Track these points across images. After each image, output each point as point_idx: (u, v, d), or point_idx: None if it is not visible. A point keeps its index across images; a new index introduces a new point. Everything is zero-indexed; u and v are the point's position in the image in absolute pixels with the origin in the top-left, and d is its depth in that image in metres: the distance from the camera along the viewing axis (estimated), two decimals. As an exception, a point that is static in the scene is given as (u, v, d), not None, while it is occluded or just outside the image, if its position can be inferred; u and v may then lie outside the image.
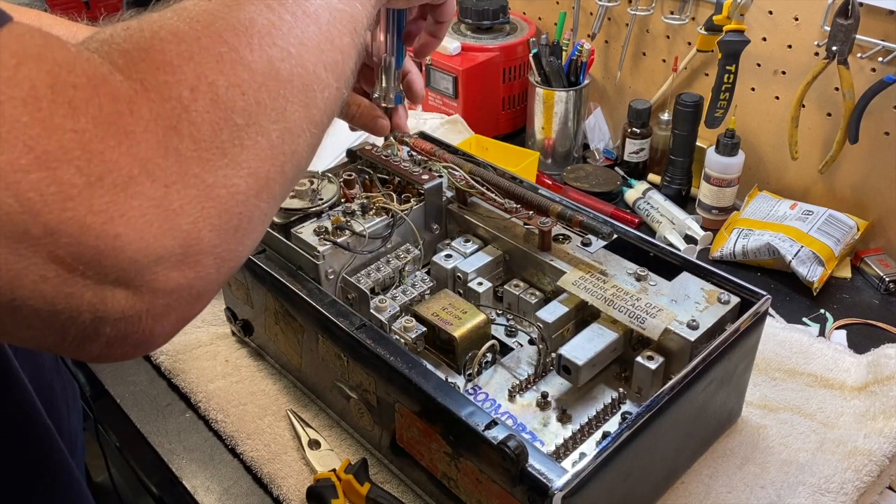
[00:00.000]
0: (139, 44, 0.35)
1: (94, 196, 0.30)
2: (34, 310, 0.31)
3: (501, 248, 0.84)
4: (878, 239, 1.08)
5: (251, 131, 0.36)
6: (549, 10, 1.38)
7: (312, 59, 0.40)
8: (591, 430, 0.70)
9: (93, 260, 0.31)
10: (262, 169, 0.37)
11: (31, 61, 0.30)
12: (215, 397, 0.86)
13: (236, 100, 0.36)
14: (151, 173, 0.32)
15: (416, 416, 0.67)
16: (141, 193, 0.32)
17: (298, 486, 0.76)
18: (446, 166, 0.86)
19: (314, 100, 0.40)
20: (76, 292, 0.31)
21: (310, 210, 0.81)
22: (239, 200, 0.36)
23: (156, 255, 0.32)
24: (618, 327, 0.72)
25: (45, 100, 0.30)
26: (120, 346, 0.34)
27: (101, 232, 0.31)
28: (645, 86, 1.28)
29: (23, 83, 0.30)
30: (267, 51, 0.38)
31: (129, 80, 0.33)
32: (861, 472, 0.75)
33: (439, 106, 1.35)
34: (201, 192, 0.34)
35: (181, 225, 0.33)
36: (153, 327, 0.35)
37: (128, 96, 0.33)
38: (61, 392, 0.78)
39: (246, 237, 0.37)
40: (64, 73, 0.31)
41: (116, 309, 0.33)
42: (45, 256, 0.30)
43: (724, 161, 1.10)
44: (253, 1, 0.39)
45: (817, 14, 1.03)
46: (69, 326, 0.32)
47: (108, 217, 0.31)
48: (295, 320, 0.78)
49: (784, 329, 0.94)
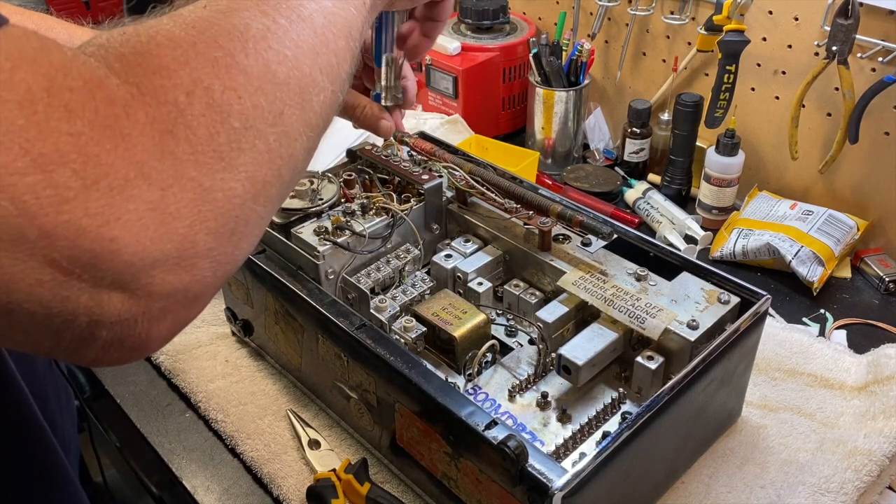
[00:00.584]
0: (136, 48, 0.35)
1: (91, 199, 0.30)
2: (30, 313, 0.31)
3: (501, 248, 0.84)
4: (878, 239, 1.08)
5: (248, 135, 0.36)
6: (549, 10, 1.38)
7: (308, 63, 0.40)
8: (591, 430, 0.70)
9: (89, 263, 0.31)
10: (258, 172, 0.37)
11: (26, 64, 0.30)
12: (215, 397, 0.86)
13: (232, 103, 0.36)
14: (147, 176, 0.32)
15: (416, 416, 0.67)
16: (137, 197, 0.32)
17: (298, 485, 0.76)
18: (446, 166, 0.86)
19: (311, 103, 0.40)
20: (72, 296, 0.31)
21: (310, 210, 0.81)
22: (235, 204, 0.36)
23: (152, 258, 0.32)
24: (618, 327, 0.72)
25: (40, 103, 0.30)
26: (116, 350, 0.34)
27: (98, 235, 0.31)
28: (645, 86, 1.28)
29: (18, 86, 0.30)
30: (263, 55, 0.38)
31: (125, 83, 0.33)
32: (861, 472, 0.75)
33: (439, 106, 1.35)
34: (198, 196, 0.34)
35: (177, 228, 0.33)
36: (149, 331, 0.35)
37: (124, 100, 0.33)
38: (54, 396, 0.78)
39: (242, 241, 0.37)
40: (60, 76, 0.31)
41: (112, 312, 0.33)
42: (41, 260, 0.30)
43: (724, 161, 1.10)
44: (248, 7, 0.39)
45: (817, 14, 1.03)
46: (65, 330, 0.32)
47: (105, 220, 0.31)
48: (295, 320, 0.78)
49: (784, 329, 0.94)
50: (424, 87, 1.35)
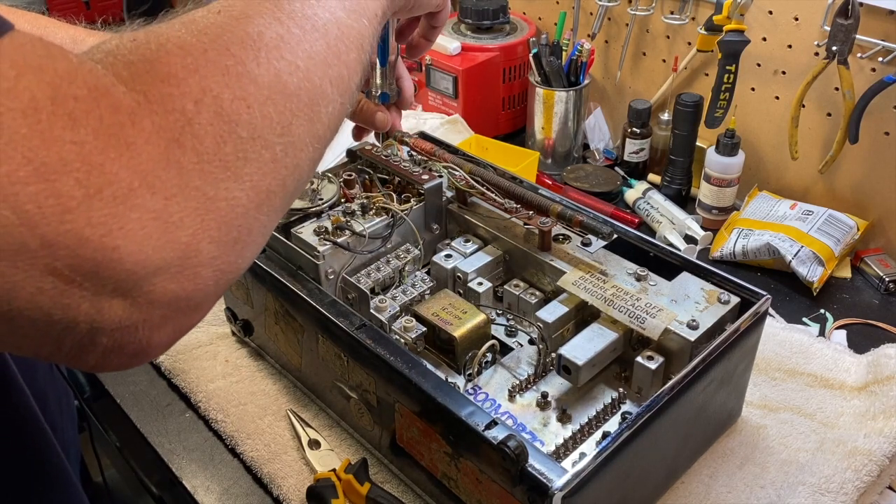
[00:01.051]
0: (144, 55, 0.35)
1: (93, 208, 0.30)
2: (31, 320, 0.31)
3: (501, 248, 0.84)
4: (878, 239, 1.08)
5: (255, 145, 0.36)
6: (549, 10, 1.38)
7: (319, 74, 0.40)
8: (591, 430, 0.70)
9: (90, 272, 0.31)
10: (263, 182, 0.37)
11: (31, 72, 0.30)
12: (215, 397, 0.86)
13: (241, 113, 0.36)
14: (152, 185, 0.32)
15: (416, 416, 0.67)
16: (141, 206, 0.32)
17: (298, 485, 0.76)
18: (446, 166, 0.86)
19: (319, 114, 0.40)
20: (73, 303, 0.31)
21: (310, 210, 0.81)
22: (239, 213, 0.36)
23: (154, 266, 0.32)
24: (618, 327, 0.72)
25: (44, 111, 0.30)
26: (116, 356, 0.34)
27: (100, 244, 0.31)
28: (645, 86, 1.28)
29: (23, 94, 0.29)
30: (274, 64, 0.38)
31: (131, 91, 0.33)
32: (861, 472, 0.75)
33: (439, 106, 1.35)
34: (201, 205, 0.34)
35: (180, 237, 0.33)
36: (150, 337, 0.35)
37: (130, 108, 0.32)
38: (55, 398, 0.78)
39: (245, 249, 0.37)
40: (65, 84, 0.31)
41: (113, 319, 0.32)
42: (43, 269, 0.30)
43: (724, 161, 1.10)
44: (262, 14, 0.39)
45: (817, 14, 1.03)
46: (65, 336, 0.32)
47: (107, 230, 0.31)
48: (295, 320, 0.78)
49: (784, 329, 0.94)
50: (424, 87, 1.35)
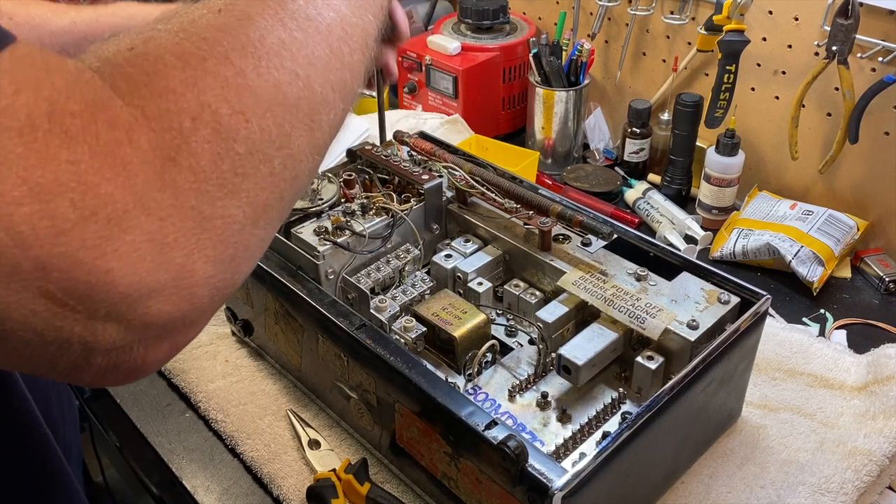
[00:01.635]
0: (143, 67, 0.34)
1: (87, 230, 0.30)
2: (24, 340, 0.31)
3: (501, 248, 0.84)
4: (878, 239, 1.08)
5: (253, 160, 0.35)
6: (549, 10, 1.38)
7: (321, 81, 0.39)
8: (591, 430, 0.70)
9: (84, 295, 0.30)
10: (261, 197, 0.36)
11: (29, 89, 0.30)
12: (215, 397, 0.86)
13: (239, 128, 0.35)
14: (146, 207, 0.31)
15: (416, 416, 0.67)
16: (135, 227, 0.31)
17: (298, 485, 0.76)
18: (446, 166, 0.86)
19: (319, 123, 0.39)
20: (66, 325, 0.31)
21: (310, 210, 0.81)
22: (235, 230, 0.35)
23: (148, 289, 0.32)
24: (618, 327, 0.72)
25: (41, 129, 0.29)
26: (112, 375, 0.34)
27: (93, 267, 0.30)
28: (645, 86, 1.28)
29: (19, 112, 0.29)
30: (275, 74, 0.36)
31: (129, 105, 0.32)
32: (861, 472, 0.75)
33: (439, 106, 1.35)
34: (197, 224, 0.33)
35: (175, 258, 0.32)
36: (145, 356, 0.34)
37: (127, 124, 0.32)
38: (57, 401, 0.78)
39: (242, 265, 0.36)
40: (62, 99, 0.30)
41: (107, 341, 0.32)
42: (35, 291, 0.29)
43: (724, 161, 1.10)
44: (265, 16, 0.37)
45: (817, 14, 1.03)
46: (60, 356, 0.32)
47: (101, 252, 0.30)
48: (295, 320, 0.78)
49: (784, 329, 0.94)
50: (424, 86, 1.35)
